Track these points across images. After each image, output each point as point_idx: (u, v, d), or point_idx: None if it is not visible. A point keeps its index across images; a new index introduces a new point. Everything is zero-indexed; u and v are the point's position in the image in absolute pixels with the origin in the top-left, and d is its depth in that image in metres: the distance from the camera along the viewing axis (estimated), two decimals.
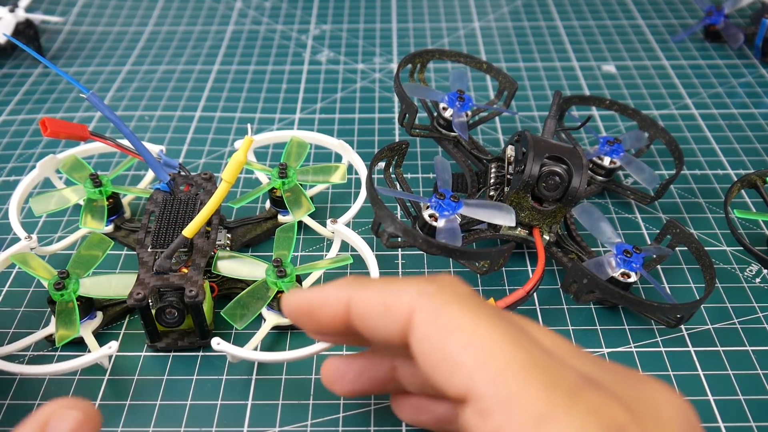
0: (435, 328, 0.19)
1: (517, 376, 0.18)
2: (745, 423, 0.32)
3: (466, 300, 0.20)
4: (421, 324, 0.20)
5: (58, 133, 0.34)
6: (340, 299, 0.22)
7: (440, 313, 0.20)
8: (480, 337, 0.19)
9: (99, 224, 0.39)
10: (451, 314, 0.19)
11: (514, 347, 0.19)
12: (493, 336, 0.19)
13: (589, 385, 0.19)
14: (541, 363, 0.18)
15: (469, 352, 0.19)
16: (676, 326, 0.35)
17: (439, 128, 0.45)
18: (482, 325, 0.19)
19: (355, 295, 0.22)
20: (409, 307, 0.20)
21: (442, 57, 0.48)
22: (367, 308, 0.22)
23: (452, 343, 0.19)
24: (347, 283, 0.23)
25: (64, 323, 0.33)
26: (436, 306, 0.20)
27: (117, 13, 0.71)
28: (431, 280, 0.21)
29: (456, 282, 0.21)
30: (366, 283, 0.22)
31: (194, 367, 0.35)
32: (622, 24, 0.68)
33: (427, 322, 0.20)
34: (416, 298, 0.20)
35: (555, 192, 0.36)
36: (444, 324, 0.19)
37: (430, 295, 0.20)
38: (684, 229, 0.38)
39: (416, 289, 0.21)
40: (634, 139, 0.46)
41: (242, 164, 0.31)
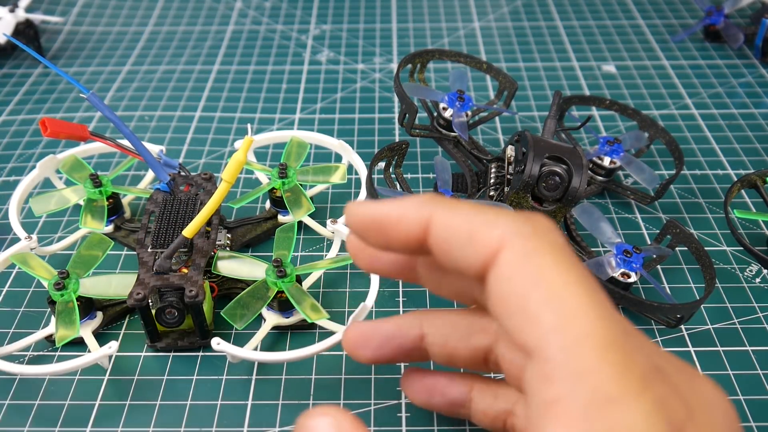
0: (521, 273, 0.18)
1: (594, 350, 0.17)
2: (745, 423, 0.32)
3: (560, 252, 0.19)
4: (508, 264, 0.18)
5: (58, 133, 0.34)
6: (421, 216, 0.20)
7: (531, 258, 0.18)
8: (566, 296, 0.18)
9: (99, 224, 0.39)
10: (542, 262, 0.18)
11: (598, 318, 0.17)
12: (580, 300, 0.18)
13: (658, 376, 0.18)
14: (620, 342, 0.17)
15: (551, 309, 0.17)
16: (676, 326, 0.35)
17: (439, 128, 0.45)
18: (571, 284, 0.18)
19: (440, 216, 0.20)
20: (499, 241, 0.19)
21: (442, 57, 0.48)
22: (451, 232, 0.20)
23: (536, 294, 0.18)
24: (430, 199, 0.21)
25: (64, 323, 0.33)
26: (528, 249, 0.18)
27: (117, 13, 0.71)
28: (527, 219, 0.19)
29: (553, 228, 0.20)
30: (453, 205, 0.20)
31: (194, 367, 0.35)
32: (622, 24, 0.68)
33: (515, 263, 0.18)
34: (508, 234, 0.19)
35: (555, 192, 0.36)
36: (532, 271, 0.18)
37: (525, 236, 0.19)
38: (684, 229, 0.38)
39: (510, 225, 0.19)
40: (634, 139, 0.46)
41: (242, 164, 0.31)
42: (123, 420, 0.32)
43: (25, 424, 0.32)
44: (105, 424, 0.32)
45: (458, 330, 0.24)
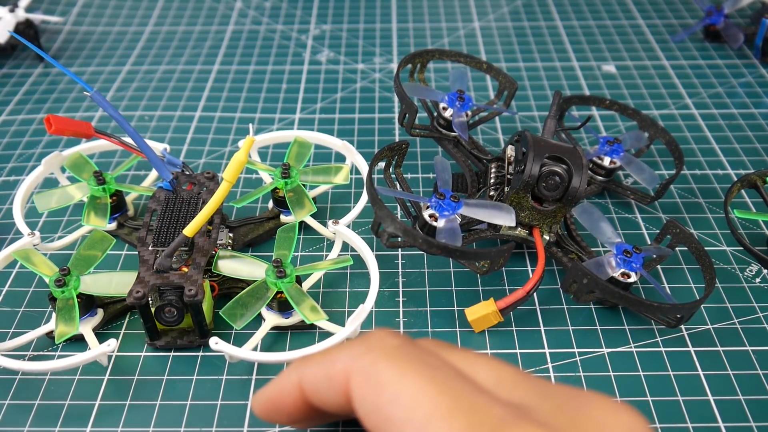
0: (368, 389, 0.20)
1: (441, 422, 0.18)
2: (745, 423, 0.32)
3: (394, 353, 0.21)
4: (357, 388, 0.20)
5: (63, 131, 0.34)
6: (293, 383, 0.23)
7: (370, 373, 0.20)
8: (405, 389, 0.19)
9: (102, 222, 0.39)
10: (379, 371, 0.20)
11: (439, 393, 0.19)
12: (418, 385, 0.19)
13: (517, 419, 0.19)
14: (467, 404, 0.19)
15: (397, 406, 0.19)
16: (676, 326, 0.36)
17: (439, 128, 0.45)
18: (408, 376, 0.20)
19: (303, 374, 0.23)
20: (345, 373, 0.21)
21: (442, 57, 0.48)
22: (315, 384, 0.22)
23: (382, 401, 0.20)
24: (295, 364, 0.23)
25: (65, 320, 0.33)
26: (366, 367, 0.20)
27: (117, 13, 0.71)
28: (361, 341, 0.22)
29: (386, 336, 0.22)
30: (310, 359, 0.23)
31: (194, 366, 0.35)
32: (622, 24, 0.68)
33: (361, 384, 0.20)
34: (349, 362, 0.21)
35: (555, 192, 0.36)
36: (374, 383, 0.20)
37: (360, 357, 0.21)
38: (684, 229, 0.38)
39: (348, 353, 0.21)
40: (634, 139, 0.46)
41: (243, 164, 0.32)
42: (123, 420, 0.32)
43: (26, 423, 0.32)
44: (105, 423, 0.32)
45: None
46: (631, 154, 0.46)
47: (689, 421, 0.32)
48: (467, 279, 0.40)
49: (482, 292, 0.39)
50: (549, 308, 0.38)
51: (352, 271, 0.40)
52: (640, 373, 0.34)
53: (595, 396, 0.21)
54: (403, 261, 0.41)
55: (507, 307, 0.35)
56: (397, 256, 0.41)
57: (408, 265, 0.40)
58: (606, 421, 0.20)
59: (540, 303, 0.38)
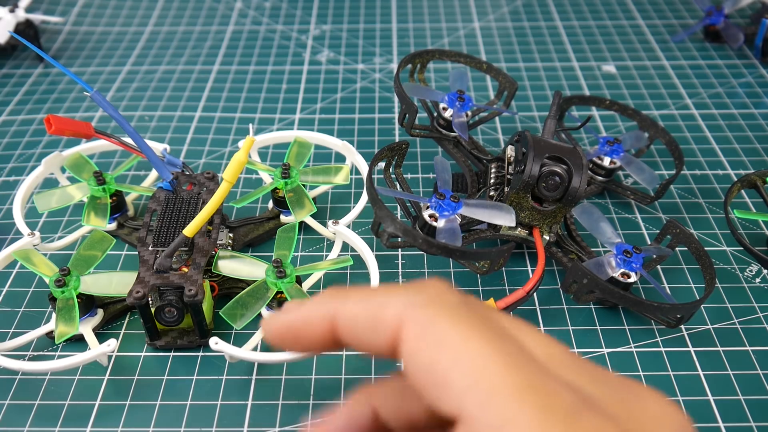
0: (424, 344, 0.18)
1: (509, 399, 0.17)
2: (745, 423, 0.32)
3: (457, 311, 0.19)
4: (410, 339, 0.19)
5: (63, 131, 0.34)
6: (324, 316, 0.21)
7: (429, 327, 0.19)
8: (470, 354, 0.18)
9: (102, 222, 0.39)
10: (441, 328, 0.18)
11: (507, 366, 0.18)
12: (484, 353, 0.18)
13: (585, 408, 0.18)
14: (537, 384, 0.17)
15: (459, 371, 0.18)
16: (676, 326, 0.36)
17: (439, 128, 0.45)
18: (473, 340, 0.18)
19: (340, 310, 0.21)
20: (397, 320, 0.19)
21: (442, 57, 0.48)
22: (354, 323, 0.20)
23: (441, 361, 0.18)
24: (329, 297, 0.21)
25: (65, 320, 0.33)
26: (425, 319, 0.19)
27: (117, 13, 0.71)
28: (420, 289, 0.20)
29: (445, 290, 0.20)
30: (349, 295, 0.21)
31: (194, 367, 0.35)
32: (622, 24, 0.68)
33: (416, 337, 0.19)
34: (403, 310, 0.19)
35: (555, 192, 0.36)
36: (433, 339, 0.18)
37: (419, 307, 0.19)
38: (684, 229, 0.38)
39: (403, 301, 0.19)
40: (634, 139, 0.46)
41: (243, 164, 0.32)
42: (123, 420, 0.32)
43: (26, 423, 0.32)
44: (105, 423, 0.32)
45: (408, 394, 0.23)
46: (631, 154, 0.46)
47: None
48: (467, 279, 0.40)
49: (482, 292, 0.39)
50: (549, 308, 0.38)
51: (352, 272, 0.40)
52: (640, 373, 0.34)
53: (648, 390, 0.20)
54: (403, 261, 0.41)
55: (507, 307, 0.35)
56: (397, 256, 0.41)
57: (408, 265, 0.40)
58: (663, 419, 0.19)
59: (540, 303, 0.38)
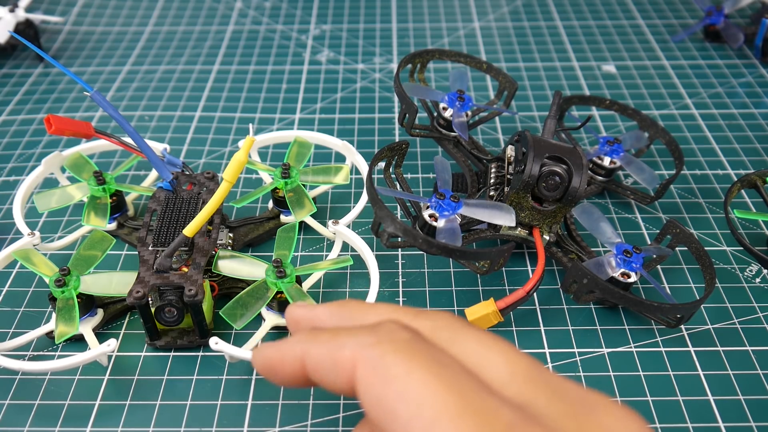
0: (374, 380, 0.20)
1: (449, 424, 0.18)
2: (745, 423, 0.32)
3: (402, 347, 0.20)
4: (363, 377, 0.20)
5: (63, 131, 0.34)
6: (295, 356, 0.23)
7: (378, 365, 0.20)
8: (413, 385, 0.19)
9: (102, 222, 0.39)
10: (387, 364, 0.20)
11: (448, 392, 0.19)
12: (426, 383, 0.19)
13: (526, 425, 0.18)
14: (476, 405, 0.18)
15: (404, 402, 0.19)
16: (676, 326, 0.36)
17: (439, 128, 0.45)
18: (415, 372, 0.19)
19: (308, 351, 0.22)
20: (352, 360, 0.21)
21: (442, 57, 0.48)
22: (319, 363, 0.22)
23: (389, 394, 0.19)
24: (302, 338, 0.23)
25: (64, 320, 0.33)
26: (374, 357, 0.20)
27: (117, 13, 0.71)
28: (372, 330, 0.22)
29: (395, 329, 0.22)
30: (317, 337, 0.23)
31: (194, 366, 0.35)
32: (622, 24, 0.68)
33: (367, 374, 0.20)
34: (357, 350, 0.21)
35: (555, 192, 0.36)
36: (381, 375, 0.20)
37: (369, 347, 0.21)
38: (684, 229, 0.38)
39: (356, 342, 0.21)
40: (634, 139, 0.46)
41: (243, 164, 0.31)
42: (123, 420, 0.32)
43: (26, 423, 0.32)
44: (105, 423, 0.32)
45: None
46: (631, 154, 0.46)
47: (689, 421, 0.32)
48: (467, 279, 0.40)
49: (482, 292, 0.39)
50: (549, 308, 0.38)
51: (352, 271, 0.40)
52: (640, 373, 0.34)
53: (605, 401, 0.21)
54: (403, 261, 0.41)
55: (507, 307, 0.35)
56: (397, 256, 0.41)
57: (408, 265, 0.40)
58: (614, 430, 0.20)
59: (540, 303, 0.38)
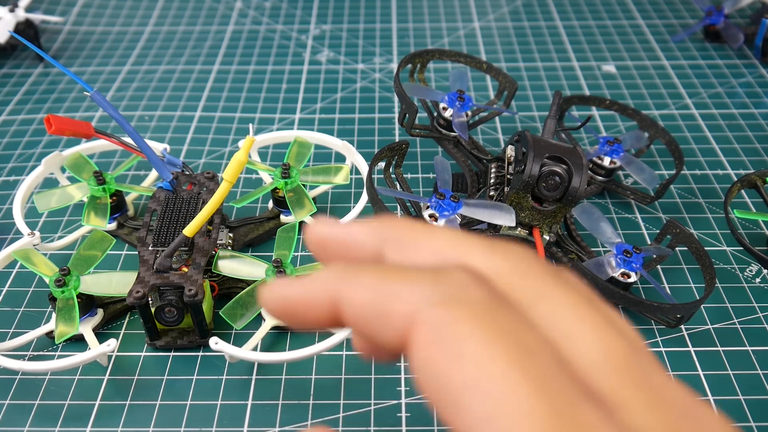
0: (438, 354, 0.15)
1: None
2: (745, 423, 0.32)
3: (483, 314, 0.15)
4: (421, 345, 0.15)
5: (63, 131, 0.34)
6: (327, 296, 0.18)
7: (445, 333, 0.15)
8: (492, 376, 0.14)
9: (102, 222, 0.39)
10: (459, 336, 0.15)
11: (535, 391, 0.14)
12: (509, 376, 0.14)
13: None
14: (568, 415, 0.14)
15: (477, 396, 0.14)
16: (676, 326, 0.36)
17: (439, 128, 0.45)
18: (498, 357, 0.15)
19: (345, 293, 0.17)
20: (407, 318, 0.16)
21: (442, 57, 0.48)
22: (360, 311, 0.17)
23: (457, 379, 0.15)
24: (336, 275, 0.18)
25: (64, 320, 0.33)
26: (441, 322, 0.15)
27: (117, 13, 0.71)
28: (437, 280, 0.16)
29: (469, 283, 0.16)
30: (359, 276, 0.17)
31: (194, 366, 0.35)
32: (622, 24, 0.68)
33: (429, 343, 0.15)
34: (417, 307, 0.16)
35: (555, 192, 0.36)
36: (449, 349, 0.15)
37: (435, 305, 0.16)
38: (684, 229, 0.38)
39: (418, 295, 0.16)
40: (634, 139, 0.46)
41: (243, 164, 0.31)
42: (123, 419, 0.32)
43: (26, 423, 0.32)
44: (105, 423, 0.32)
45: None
46: (631, 154, 0.46)
47: None
48: None
49: None
50: None
51: None
52: None
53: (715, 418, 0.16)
54: None
55: None
56: None
57: None
58: None
59: None
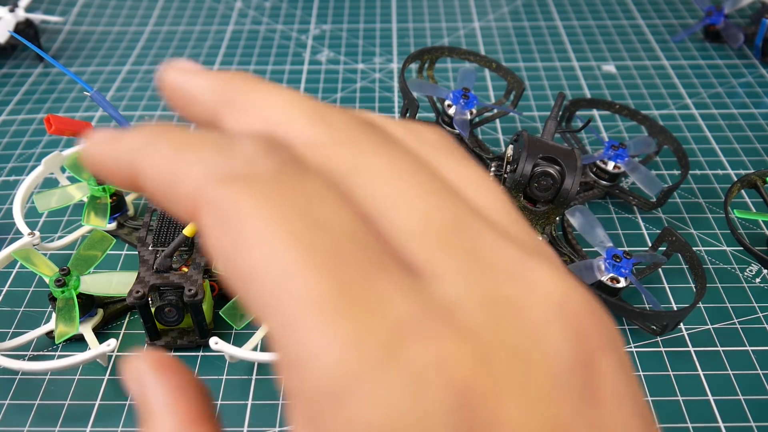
0: (223, 238, 0.13)
1: (316, 321, 0.12)
2: (745, 423, 0.32)
3: (268, 190, 0.13)
4: (207, 228, 0.14)
5: (62, 130, 0.34)
6: (126, 163, 0.15)
7: (228, 217, 0.14)
8: (272, 257, 0.13)
9: (102, 222, 0.39)
10: (242, 217, 0.13)
11: (318, 270, 0.13)
12: (290, 255, 0.13)
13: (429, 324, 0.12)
14: (356, 293, 0.12)
15: (262, 282, 0.13)
16: (661, 334, 0.35)
17: (443, 125, 0.45)
18: (280, 236, 0.13)
19: (140, 163, 0.15)
20: (193, 198, 0.14)
21: (451, 54, 0.48)
22: (152, 185, 0.15)
23: (245, 263, 0.13)
24: (140, 139, 0.15)
25: (64, 320, 0.33)
26: (223, 203, 0.13)
27: (117, 13, 0.71)
28: (223, 153, 0.14)
29: (260, 155, 0.14)
30: (156, 145, 0.15)
31: (194, 367, 0.35)
32: (622, 24, 0.68)
33: (213, 227, 0.14)
34: (199, 185, 0.14)
35: (547, 193, 0.36)
36: (233, 233, 0.13)
37: (219, 183, 0.14)
38: (680, 238, 0.37)
39: (203, 169, 0.14)
40: (642, 145, 0.45)
41: None
42: (123, 419, 0.32)
43: (26, 423, 0.32)
44: (105, 423, 0.32)
45: None
46: (637, 159, 0.45)
47: (689, 421, 0.32)
48: None
49: None
50: None
51: None
52: (640, 373, 0.34)
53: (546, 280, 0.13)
54: None
55: None
56: None
57: None
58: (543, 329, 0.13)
59: None
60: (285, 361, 0.12)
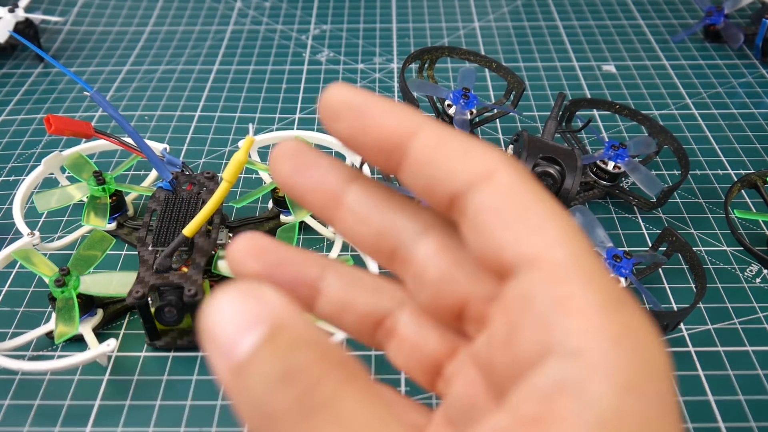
0: (520, 190, 0.18)
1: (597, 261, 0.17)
2: (745, 423, 0.32)
3: (543, 189, 0.19)
4: (506, 181, 0.18)
5: (62, 130, 0.34)
6: (411, 121, 0.19)
7: (524, 184, 0.18)
8: (563, 218, 0.18)
9: (101, 222, 0.39)
10: (536, 189, 0.18)
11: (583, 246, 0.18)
12: (573, 226, 0.18)
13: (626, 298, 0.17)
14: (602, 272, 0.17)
15: (555, 225, 0.18)
16: (661, 334, 0.35)
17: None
18: (560, 213, 0.18)
19: (432, 127, 0.19)
20: (496, 163, 0.18)
21: (451, 54, 0.48)
22: (443, 144, 0.19)
23: (537, 210, 0.18)
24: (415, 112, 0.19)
25: (64, 320, 0.33)
26: (522, 178, 0.18)
27: (117, 13, 0.71)
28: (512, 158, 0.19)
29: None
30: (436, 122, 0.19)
31: (194, 367, 0.35)
32: (622, 24, 0.68)
33: (513, 183, 0.18)
34: (503, 161, 0.18)
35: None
36: (529, 191, 0.18)
37: (517, 168, 0.19)
38: (680, 238, 0.37)
39: (503, 157, 0.19)
40: (642, 145, 0.45)
41: (243, 164, 0.31)
42: (123, 420, 0.32)
43: (26, 423, 0.32)
44: (105, 423, 0.32)
45: (363, 285, 0.22)
46: (638, 159, 0.45)
47: (689, 421, 0.32)
48: None
49: None
50: None
51: None
52: None
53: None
54: None
55: None
56: None
57: None
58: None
59: None
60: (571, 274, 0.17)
